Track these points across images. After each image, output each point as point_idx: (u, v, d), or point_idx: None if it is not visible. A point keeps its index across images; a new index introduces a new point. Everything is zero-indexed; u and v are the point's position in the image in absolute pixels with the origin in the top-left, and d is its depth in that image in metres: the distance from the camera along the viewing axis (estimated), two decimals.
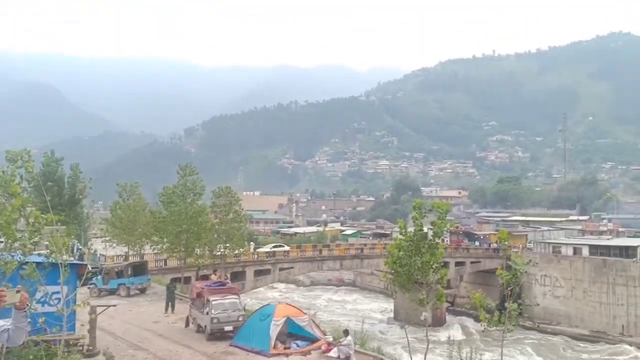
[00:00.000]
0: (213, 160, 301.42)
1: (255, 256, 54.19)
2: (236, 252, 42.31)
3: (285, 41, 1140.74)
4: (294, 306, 22.93)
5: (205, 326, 22.58)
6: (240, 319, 22.04)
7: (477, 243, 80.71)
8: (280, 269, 56.42)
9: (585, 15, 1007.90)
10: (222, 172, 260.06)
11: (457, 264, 67.22)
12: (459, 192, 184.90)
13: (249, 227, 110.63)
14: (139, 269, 36.61)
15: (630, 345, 52.52)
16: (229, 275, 40.89)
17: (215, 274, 32.99)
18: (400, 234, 16.49)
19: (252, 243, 62.69)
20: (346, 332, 19.52)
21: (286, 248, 66.20)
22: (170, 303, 28.82)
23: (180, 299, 30.59)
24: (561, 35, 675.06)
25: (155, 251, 40.00)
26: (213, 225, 38.22)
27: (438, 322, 60.36)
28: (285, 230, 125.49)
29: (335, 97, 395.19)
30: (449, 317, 63.96)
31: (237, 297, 23.60)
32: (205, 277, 37.41)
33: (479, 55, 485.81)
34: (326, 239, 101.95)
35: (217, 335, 21.97)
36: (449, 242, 77.75)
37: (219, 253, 39.60)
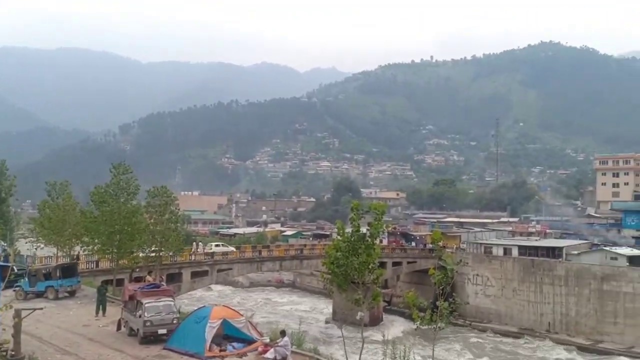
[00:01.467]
0: (150, 159, 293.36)
1: (193, 257, 53.11)
2: (172, 253, 41.37)
3: (223, 39, 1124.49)
4: (230, 308, 22.61)
5: (138, 329, 21.94)
6: (174, 321, 21.53)
7: (413, 243, 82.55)
8: (219, 271, 55.59)
9: (518, 25, 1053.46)
10: (159, 171, 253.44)
11: (394, 264, 68.50)
12: (397, 194, 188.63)
13: (187, 227, 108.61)
14: (69, 270, 35.09)
15: (556, 341, 55.25)
16: (164, 277, 39.86)
17: (150, 276, 32.08)
18: (338, 234, 16.60)
19: (199, 243, 61.41)
20: (283, 333, 19.43)
21: (230, 249, 65.54)
22: (101, 306, 27.86)
23: (112, 302, 29.62)
24: (495, 43, 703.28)
25: (86, 252, 38.42)
26: (147, 225, 37.15)
27: (375, 321, 61.26)
28: (224, 231, 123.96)
29: (276, 97, 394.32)
30: (386, 316, 65.02)
31: (171, 299, 23.05)
32: (139, 279, 36.36)
33: (418, 61, 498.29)
34: (266, 239, 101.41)
35: (150, 338, 21.41)
36: (386, 243, 79.20)
37: (154, 254, 38.54)
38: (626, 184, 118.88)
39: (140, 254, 37.50)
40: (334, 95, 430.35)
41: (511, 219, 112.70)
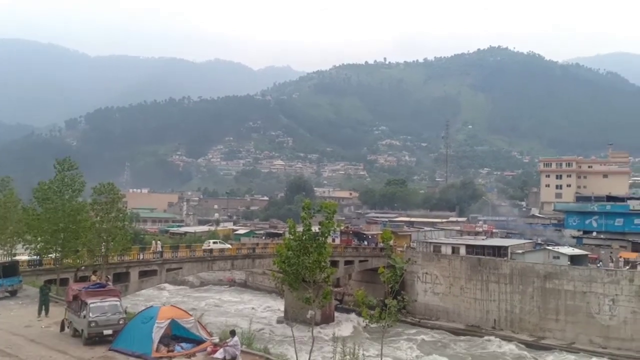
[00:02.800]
0: (97, 155, 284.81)
1: (141, 256, 51.91)
2: (121, 251, 40.32)
3: (175, 34, 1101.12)
4: (179, 308, 22.22)
5: (82, 330, 21.42)
6: (120, 322, 21.08)
7: (365, 242, 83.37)
8: (168, 270, 54.56)
9: (469, 29, 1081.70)
10: (107, 168, 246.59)
11: (346, 262, 68.96)
12: (350, 193, 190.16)
13: (135, 226, 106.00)
14: (9, 269, 33.74)
15: (501, 338, 56.94)
16: (110, 277, 38.73)
17: (95, 275, 31.16)
18: (290, 233, 16.57)
19: (158, 242, 60.16)
20: (233, 333, 19.25)
21: (227, 246, 65.33)
22: (44, 306, 26.90)
23: (56, 302, 28.65)
24: (446, 47, 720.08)
25: (29, 251, 36.95)
26: (93, 224, 36.03)
27: (327, 320, 61.64)
28: (174, 229, 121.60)
29: (229, 94, 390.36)
30: (337, 315, 65.49)
31: (117, 299, 22.50)
32: (85, 279, 35.33)
33: (371, 62, 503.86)
34: (218, 238, 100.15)
35: (95, 339, 20.94)
36: (339, 242, 79.68)
37: (99, 253, 37.46)
38: (568, 185, 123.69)
39: (86, 253, 36.38)
40: (288, 94, 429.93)
41: (459, 219, 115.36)
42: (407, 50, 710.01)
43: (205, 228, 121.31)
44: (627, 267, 58.61)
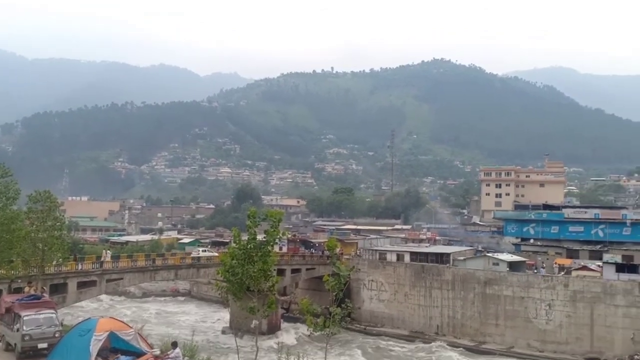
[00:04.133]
0: (34, 162, 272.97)
1: (79, 266, 49.98)
2: (56, 262, 38.69)
3: (118, 38, 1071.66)
4: (118, 320, 21.50)
5: (16, 344, 20.53)
6: (56, 335, 20.31)
7: (313, 250, 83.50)
8: (108, 281, 52.74)
9: (414, 41, 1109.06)
10: (44, 174, 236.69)
11: (293, 270, 68.77)
12: (298, 201, 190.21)
13: (74, 235, 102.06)
14: None
15: (444, 343, 58.19)
16: (46, 288, 37.09)
17: (30, 287, 29.75)
18: (234, 242, 16.39)
19: (108, 251, 58.14)
20: (174, 344, 18.83)
21: (215, 254, 64.16)
22: None
23: None
24: (392, 58, 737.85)
25: None
26: (28, 233, 34.44)
27: (273, 329, 61.20)
28: (115, 238, 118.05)
29: (175, 100, 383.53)
30: (284, 324, 65.10)
31: (53, 311, 21.64)
32: (19, 290, 33.69)
33: (319, 71, 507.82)
34: (161, 247, 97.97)
35: (29, 353, 20.19)
36: (286, 250, 79.50)
37: (35, 264, 35.81)
38: (507, 194, 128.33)
39: (20, 263, 34.72)
40: (235, 101, 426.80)
41: (404, 226, 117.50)
42: (354, 60, 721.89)
43: (148, 237, 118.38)
44: (562, 273, 61.28)
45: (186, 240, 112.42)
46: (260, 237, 16.63)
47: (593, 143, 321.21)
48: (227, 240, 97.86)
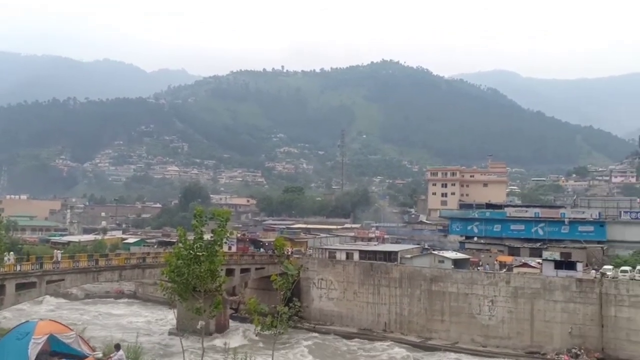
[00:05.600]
0: None
1: (18, 267, 47.88)
2: None
3: (60, 31, 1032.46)
4: (58, 322, 20.71)
5: None
6: None
7: (262, 250, 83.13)
8: (49, 282, 50.76)
9: (363, 42, 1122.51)
10: None
11: (243, 270, 68.23)
12: (248, 200, 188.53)
13: (12, 235, 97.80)
14: None
15: (392, 340, 59.11)
16: None
17: None
18: (180, 242, 16.08)
19: (58, 252, 55.67)
20: (117, 347, 18.33)
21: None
22: None
23: None
24: (342, 58, 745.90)
25: None
26: None
27: (221, 329, 60.60)
28: (57, 238, 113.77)
29: (120, 96, 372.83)
30: (233, 324, 64.56)
31: None
32: None
33: (269, 69, 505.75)
34: (105, 248, 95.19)
35: None
36: (235, 249, 78.80)
37: None
38: (453, 193, 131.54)
39: None
40: (183, 98, 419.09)
41: (354, 225, 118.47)
42: (304, 59, 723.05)
43: (91, 237, 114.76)
44: (504, 270, 63.39)
45: (131, 240, 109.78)
46: (207, 236, 16.38)
47: (534, 144, 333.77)
48: (175, 240, 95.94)
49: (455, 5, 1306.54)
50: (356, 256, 70.60)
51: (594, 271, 59.24)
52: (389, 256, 68.98)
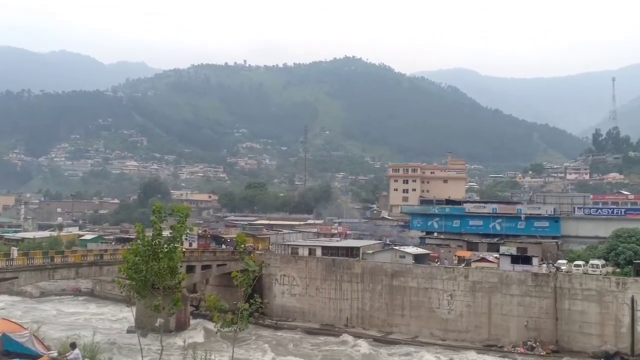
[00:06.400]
0: None
1: None
2: None
3: (14, 21, 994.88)
4: (11, 321, 20.01)
5: None
6: None
7: (224, 246, 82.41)
8: (1, 280, 49.16)
9: (326, 38, 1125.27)
10: None
11: (204, 267, 67.44)
12: (209, 196, 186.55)
13: None
14: None
15: (353, 335, 59.52)
16: None
17: None
18: (138, 238, 15.74)
19: (15, 249, 53.59)
20: (73, 346, 17.87)
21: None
22: None
23: None
24: (304, 53, 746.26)
25: None
26: None
27: (182, 327, 59.86)
28: (10, 235, 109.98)
29: (76, 88, 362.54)
30: (194, 321, 63.79)
31: None
32: None
33: (231, 64, 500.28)
34: (61, 244, 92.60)
35: None
36: (197, 246, 77.88)
37: None
38: (414, 190, 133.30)
39: None
40: (143, 92, 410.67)
41: (317, 221, 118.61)
42: (267, 54, 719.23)
43: (46, 233, 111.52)
44: (463, 265, 64.70)
45: (88, 236, 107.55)
46: (167, 233, 16.11)
47: (492, 142, 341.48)
48: (133, 237, 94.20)
49: (417, 3, 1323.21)
50: (319, 252, 70.78)
51: (545, 265, 60.98)
52: (351, 252, 69.43)
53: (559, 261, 63.07)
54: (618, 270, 58.19)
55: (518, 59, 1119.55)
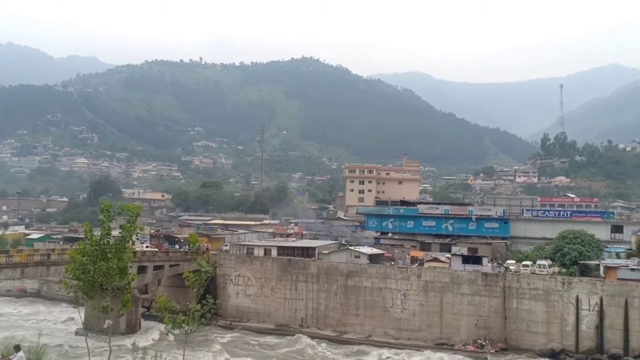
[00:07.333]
0: None
1: None
2: None
3: None
4: None
5: None
6: None
7: (177, 246, 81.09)
8: None
9: (284, 38, 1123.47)
10: None
11: (156, 267, 66.11)
12: (163, 195, 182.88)
13: None
14: None
15: (308, 335, 59.52)
16: None
17: None
18: (86, 238, 15.25)
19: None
20: (17, 348, 17.23)
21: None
22: None
23: None
24: (262, 52, 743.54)
25: None
26: None
27: (132, 329, 58.57)
28: None
29: (24, 82, 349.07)
30: (145, 322, 62.42)
31: None
32: None
33: (187, 61, 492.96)
34: (6, 244, 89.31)
35: None
36: (149, 246, 76.33)
37: None
38: (369, 190, 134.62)
39: None
40: (94, 87, 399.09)
41: (273, 221, 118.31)
42: (223, 52, 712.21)
43: None
44: (416, 265, 65.74)
45: (35, 235, 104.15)
46: (116, 232, 15.67)
47: (445, 144, 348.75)
48: (82, 236, 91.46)
49: (374, 6, 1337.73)
50: (274, 252, 70.53)
51: (490, 264, 62.49)
52: (307, 252, 69.47)
53: (508, 261, 64.92)
54: (564, 270, 60.41)
55: (471, 64, 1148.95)
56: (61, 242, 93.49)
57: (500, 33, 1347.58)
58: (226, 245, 78.89)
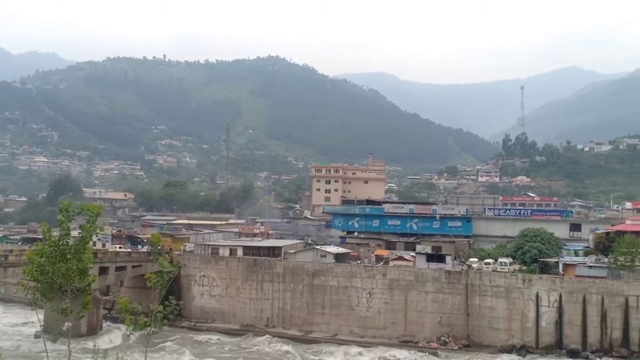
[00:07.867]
0: None
1: None
2: None
3: None
4: None
5: None
6: None
7: (140, 247, 79.69)
8: None
9: (249, 36, 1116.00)
10: None
11: (118, 268, 64.84)
12: (125, 195, 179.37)
13: None
14: None
15: (273, 335, 59.38)
16: None
17: None
18: (44, 238, 14.83)
19: None
20: None
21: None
22: None
23: None
24: (227, 50, 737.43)
25: None
26: None
27: (94, 331, 57.46)
28: None
29: None
30: (107, 324, 61.18)
31: None
32: None
33: (150, 58, 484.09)
34: None
35: None
36: (121, 247, 74.91)
37: None
38: (336, 190, 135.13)
39: None
40: (54, 84, 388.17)
41: (238, 221, 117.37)
42: (188, 50, 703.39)
43: None
44: (382, 263, 66.30)
45: None
46: (76, 232, 15.29)
47: (410, 144, 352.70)
48: (42, 237, 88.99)
49: (341, 6, 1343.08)
50: (240, 252, 70.04)
51: (453, 262, 63.61)
52: (273, 251, 69.27)
53: (471, 259, 66.16)
54: (524, 267, 61.92)
55: (437, 65, 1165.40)
56: (19, 243, 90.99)
57: (465, 35, 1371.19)
58: (186, 245, 77.46)
